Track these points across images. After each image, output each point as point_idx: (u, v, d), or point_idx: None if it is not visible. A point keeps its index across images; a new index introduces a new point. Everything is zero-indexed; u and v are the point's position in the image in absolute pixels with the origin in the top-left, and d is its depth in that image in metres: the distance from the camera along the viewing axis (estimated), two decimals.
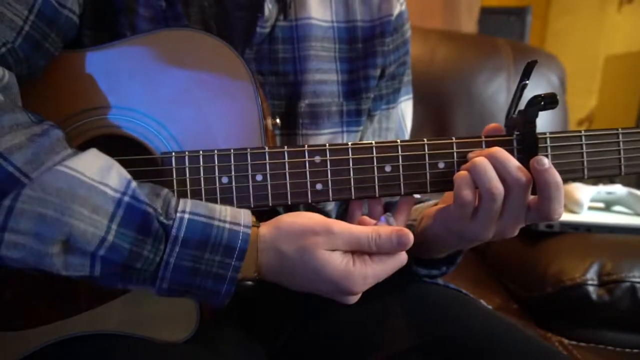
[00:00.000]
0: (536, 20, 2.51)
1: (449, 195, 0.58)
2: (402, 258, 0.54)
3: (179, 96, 0.57)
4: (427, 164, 0.56)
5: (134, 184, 0.49)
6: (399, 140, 0.56)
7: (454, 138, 0.56)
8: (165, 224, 0.49)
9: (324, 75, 0.70)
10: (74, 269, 0.48)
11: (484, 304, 0.70)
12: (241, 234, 0.50)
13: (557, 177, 0.53)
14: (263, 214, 0.56)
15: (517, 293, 1.14)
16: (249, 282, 0.53)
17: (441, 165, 0.56)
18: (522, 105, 0.55)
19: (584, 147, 0.58)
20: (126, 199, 0.48)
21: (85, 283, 0.56)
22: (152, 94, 0.57)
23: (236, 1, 0.66)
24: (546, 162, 0.53)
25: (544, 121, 1.36)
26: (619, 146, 0.58)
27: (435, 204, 0.65)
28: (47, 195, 0.46)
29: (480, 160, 0.53)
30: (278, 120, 0.62)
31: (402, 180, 0.56)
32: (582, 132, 0.57)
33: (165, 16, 0.62)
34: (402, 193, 0.57)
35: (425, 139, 0.55)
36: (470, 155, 0.55)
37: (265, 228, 0.53)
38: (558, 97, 0.53)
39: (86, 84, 0.57)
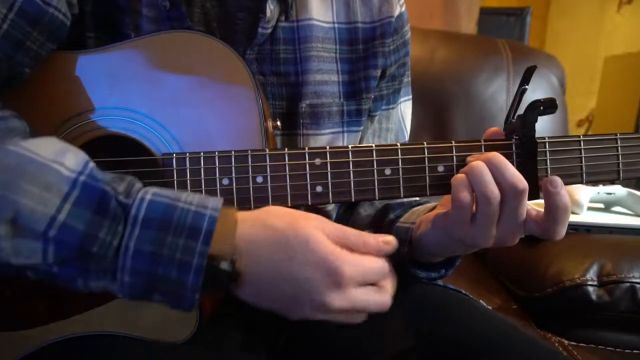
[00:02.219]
0: (536, 21, 2.51)
1: (447, 198, 0.58)
2: (384, 263, 0.50)
3: (180, 98, 0.57)
4: (427, 167, 0.56)
5: (92, 164, 0.46)
6: (399, 144, 0.56)
7: (453, 142, 0.56)
8: (124, 204, 0.45)
9: (325, 76, 0.70)
10: (24, 255, 0.43)
11: (484, 304, 0.70)
12: (207, 216, 0.46)
13: (567, 200, 0.53)
14: None
15: (517, 293, 1.14)
16: (225, 267, 0.46)
17: (441, 168, 0.56)
18: (521, 109, 0.56)
19: (583, 152, 0.58)
20: (82, 178, 0.44)
21: None
22: (154, 95, 0.57)
23: (238, 2, 0.66)
24: (559, 184, 0.53)
25: (544, 122, 1.36)
26: (617, 151, 0.59)
27: (434, 207, 0.65)
28: None
29: (477, 164, 0.53)
30: (279, 123, 0.62)
31: (401, 183, 0.57)
32: (581, 137, 0.58)
33: (169, 16, 0.62)
34: (402, 196, 0.57)
35: (425, 143, 0.56)
36: (468, 159, 0.56)
37: (249, 211, 0.50)
38: (557, 98, 0.53)
39: (89, 85, 0.57)
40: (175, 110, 0.57)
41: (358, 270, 0.48)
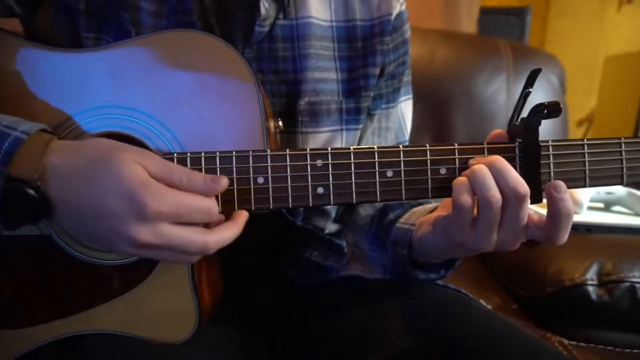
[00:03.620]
0: (536, 20, 2.51)
1: (448, 200, 0.58)
2: (210, 204, 0.50)
3: (182, 98, 0.57)
4: (429, 170, 0.56)
5: None
6: (401, 146, 0.56)
7: (456, 144, 0.56)
8: None
9: (324, 74, 0.70)
10: None
11: (484, 304, 0.71)
12: (12, 137, 0.46)
13: (570, 205, 0.53)
14: (264, 216, 0.56)
15: (516, 293, 1.14)
16: (29, 191, 0.46)
17: (443, 171, 0.56)
18: (525, 112, 0.56)
19: (586, 155, 0.57)
20: None
21: (85, 282, 0.56)
22: (156, 95, 0.57)
23: (235, 0, 0.66)
24: (563, 189, 0.53)
25: (544, 121, 1.36)
26: (621, 155, 0.58)
27: (434, 208, 0.65)
28: None
29: (479, 167, 0.53)
30: (280, 123, 0.62)
31: (403, 185, 0.56)
32: (585, 140, 0.57)
33: (176, 9, 0.62)
34: (404, 198, 0.57)
35: (427, 145, 0.55)
36: (470, 162, 0.55)
37: (71, 141, 0.50)
38: (557, 97, 0.53)
39: (90, 84, 0.57)
40: (176, 110, 0.57)
41: (168, 206, 0.47)
